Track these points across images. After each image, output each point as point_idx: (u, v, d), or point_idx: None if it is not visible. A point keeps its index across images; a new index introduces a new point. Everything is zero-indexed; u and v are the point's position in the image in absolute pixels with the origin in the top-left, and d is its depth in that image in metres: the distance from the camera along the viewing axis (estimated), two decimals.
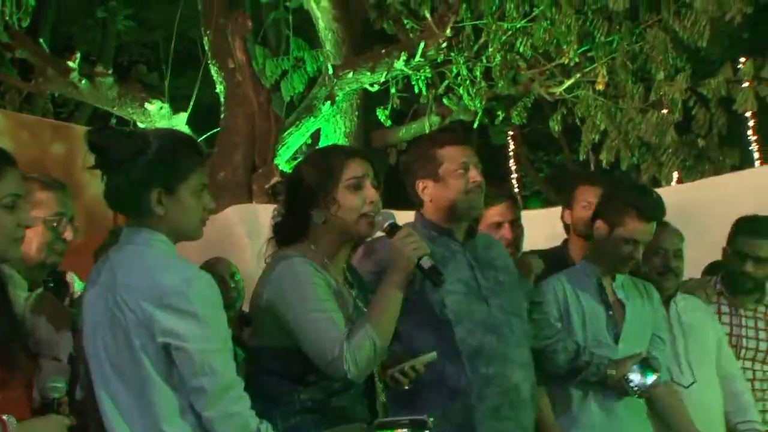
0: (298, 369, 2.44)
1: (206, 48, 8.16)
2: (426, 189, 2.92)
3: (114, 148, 2.24)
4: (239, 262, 4.80)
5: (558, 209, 4.01)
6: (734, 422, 3.56)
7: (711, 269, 4.24)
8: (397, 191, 3.13)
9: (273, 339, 2.47)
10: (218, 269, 4.49)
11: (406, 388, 2.55)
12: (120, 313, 2.19)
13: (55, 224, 2.71)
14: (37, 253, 2.66)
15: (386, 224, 2.58)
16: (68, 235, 2.74)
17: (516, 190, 13.23)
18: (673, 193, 7.38)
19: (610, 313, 3.27)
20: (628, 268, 3.31)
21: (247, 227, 6.34)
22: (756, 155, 10.44)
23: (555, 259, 3.66)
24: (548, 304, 3.25)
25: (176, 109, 8.40)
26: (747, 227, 3.75)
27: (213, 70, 8.08)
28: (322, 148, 3.52)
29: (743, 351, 3.76)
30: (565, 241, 3.87)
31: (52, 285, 2.91)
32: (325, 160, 2.60)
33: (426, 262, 2.52)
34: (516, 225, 3.57)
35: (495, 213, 3.52)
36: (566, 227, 3.86)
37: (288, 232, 2.59)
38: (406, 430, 0.91)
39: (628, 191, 3.41)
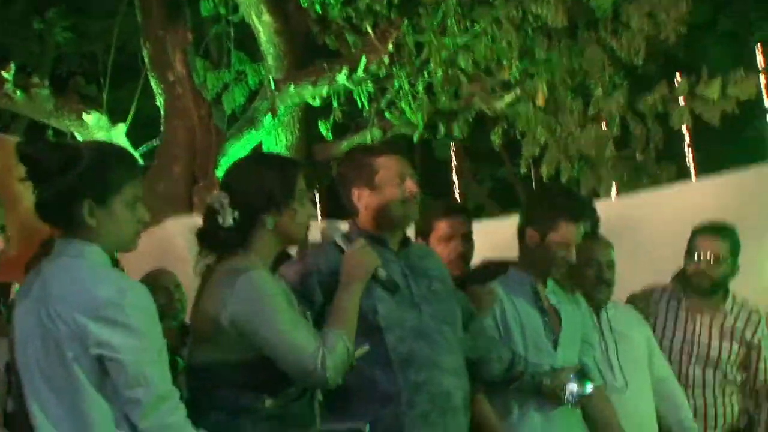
0: (261, 379, 2.44)
1: (146, 60, 8.07)
2: (361, 197, 2.92)
3: (44, 160, 2.21)
4: (180, 274, 4.74)
5: (499, 221, 4.04)
6: (669, 423, 3.63)
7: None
8: (337, 203, 3.13)
9: (234, 352, 2.45)
10: (162, 280, 4.45)
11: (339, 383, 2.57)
12: (52, 325, 2.15)
13: None
14: None
15: (337, 236, 2.65)
16: (0, 244, 2.68)
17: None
18: (613, 206, 7.50)
19: (546, 319, 3.29)
20: (562, 271, 3.34)
21: (188, 240, 6.27)
22: (692, 169, 10.65)
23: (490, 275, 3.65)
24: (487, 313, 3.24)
25: (115, 120, 8.29)
26: (704, 229, 3.90)
27: (153, 82, 8.00)
28: (271, 154, 3.50)
29: (695, 357, 3.83)
30: None
31: None
32: (283, 169, 2.61)
33: (381, 272, 2.62)
34: (467, 239, 3.58)
35: (446, 226, 3.54)
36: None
37: (233, 239, 2.54)
38: None
39: (555, 197, 3.45)
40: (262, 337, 2.42)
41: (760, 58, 10.12)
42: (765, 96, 9.06)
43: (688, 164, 11.09)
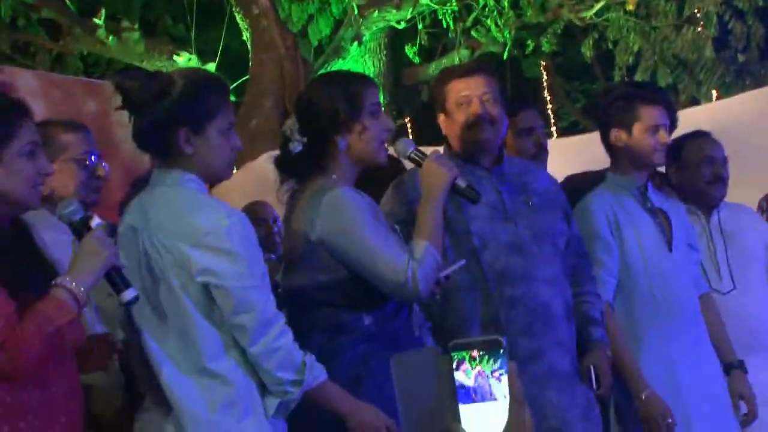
0: (356, 298, 2.46)
1: None
2: (442, 122, 2.93)
3: (139, 88, 2.23)
4: (276, 209, 4.82)
5: (595, 135, 3.92)
6: None
7: None
8: (429, 128, 3.12)
9: (327, 272, 2.46)
10: (261, 213, 4.50)
11: (437, 298, 2.57)
12: (157, 255, 2.19)
13: (87, 162, 2.71)
14: (76, 193, 2.64)
15: (411, 150, 2.61)
16: (101, 171, 2.75)
17: (552, 122, 13.07)
18: (714, 111, 7.24)
19: (658, 220, 3.20)
20: (661, 157, 3.24)
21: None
22: None
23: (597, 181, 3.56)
24: (597, 220, 3.16)
25: (205, 60, 8.39)
26: None
27: (238, 18, 8.04)
28: (335, 72, 3.42)
29: None
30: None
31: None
32: (347, 85, 2.57)
33: (461, 181, 2.57)
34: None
35: (524, 119, 3.40)
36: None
37: (310, 163, 2.54)
38: (482, 351, 0.90)
39: (623, 89, 3.36)
40: (352, 253, 2.42)
41: None
42: None
43: None
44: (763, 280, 3.46)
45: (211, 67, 8.33)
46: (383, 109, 2.62)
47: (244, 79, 8.30)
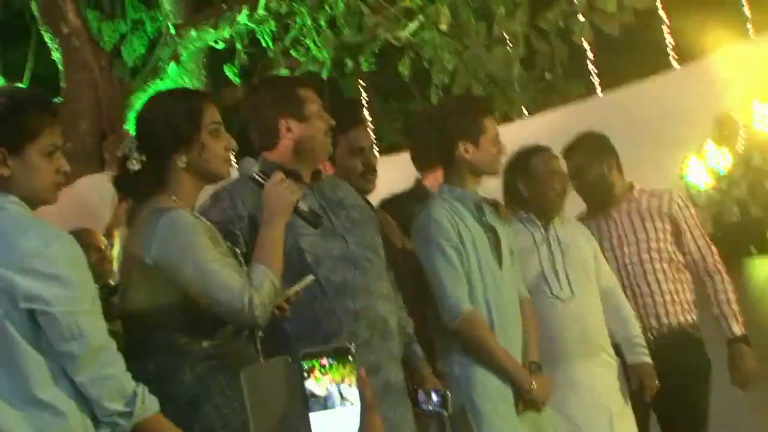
0: (193, 320, 2.40)
1: (36, 14, 7.74)
2: (290, 128, 2.86)
3: None
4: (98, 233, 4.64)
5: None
6: (616, 337, 3.65)
7: None
8: (249, 147, 3.07)
9: (163, 295, 2.39)
10: (91, 239, 4.32)
11: (287, 315, 2.56)
12: None
13: None
14: None
15: (254, 171, 2.57)
16: None
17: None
18: (527, 126, 7.62)
19: (490, 235, 3.30)
20: (499, 168, 3.38)
21: (102, 197, 6.13)
22: (598, 85, 10.83)
23: (419, 197, 3.62)
24: (445, 230, 3.20)
25: (11, 81, 7.97)
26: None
27: (47, 37, 7.70)
28: (175, 90, 3.35)
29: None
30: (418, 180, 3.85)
31: None
32: (186, 102, 2.52)
33: (303, 206, 2.55)
34: (372, 152, 3.54)
35: (357, 137, 3.46)
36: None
37: (149, 181, 2.47)
38: (330, 358, 0.90)
39: (465, 104, 3.52)
40: (186, 277, 2.36)
41: None
42: (660, 5, 9.21)
43: (593, 81, 11.27)
44: (595, 288, 3.65)
45: (20, 86, 7.93)
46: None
47: (56, 100, 7.94)
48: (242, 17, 7.99)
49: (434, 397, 2.96)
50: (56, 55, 7.70)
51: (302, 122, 2.86)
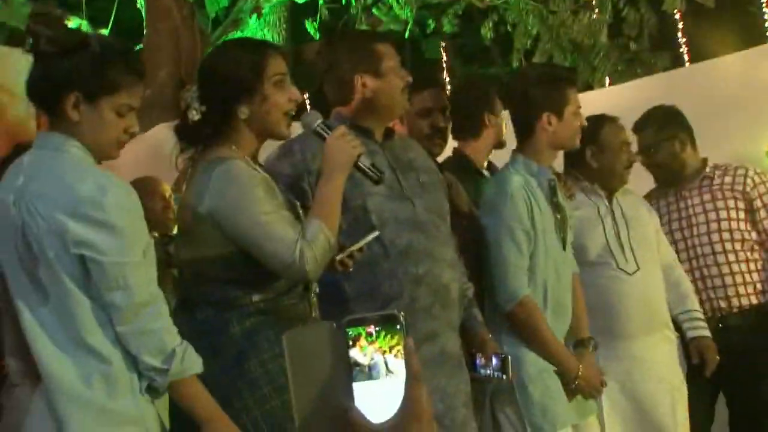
0: (244, 273, 2.36)
1: None
2: (365, 84, 2.79)
3: (50, 37, 2.11)
4: (169, 181, 4.69)
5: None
6: (675, 312, 3.59)
7: None
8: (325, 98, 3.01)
9: (214, 247, 2.36)
10: (157, 187, 4.36)
11: (350, 271, 2.52)
12: (33, 222, 2.06)
13: None
14: None
15: (317, 123, 2.50)
16: None
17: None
18: (607, 95, 7.41)
19: (558, 216, 3.18)
20: (578, 141, 3.26)
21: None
22: (686, 57, 10.49)
23: (460, 167, 3.48)
24: (518, 211, 3.08)
25: (96, 27, 8.09)
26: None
27: None
28: (240, 39, 3.30)
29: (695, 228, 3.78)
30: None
31: None
32: (250, 53, 2.47)
33: (365, 161, 2.47)
34: (446, 114, 3.42)
35: (426, 98, 3.36)
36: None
37: (210, 131, 2.43)
38: (378, 326, 0.86)
39: (549, 73, 3.34)
40: (238, 228, 2.33)
41: None
42: None
43: (682, 52, 10.92)
44: (658, 263, 3.56)
45: (104, 33, 8.04)
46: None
47: (137, 48, 8.03)
48: None
49: (494, 361, 2.90)
50: (140, 2, 7.78)
51: (378, 78, 2.79)
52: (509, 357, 2.91)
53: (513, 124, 3.30)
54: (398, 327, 0.98)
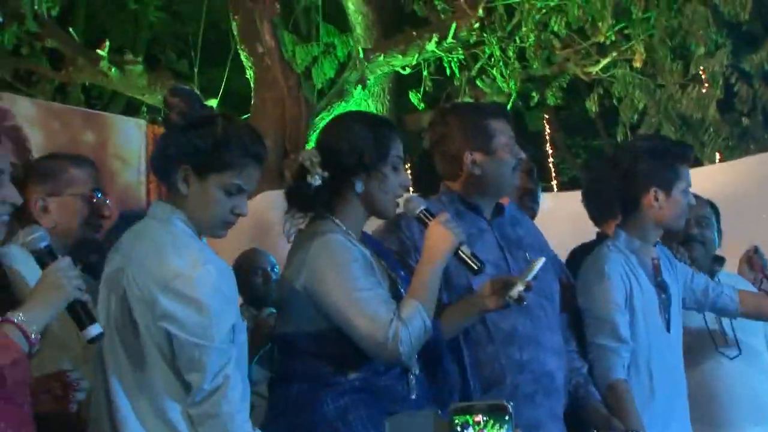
0: (340, 350, 2.33)
1: (234, 32, 8.11)
2: (474, 161, 2.76)
3: (182, 111, 2.20)
4: (272, 249, 4.72)
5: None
6: None
7: None
8: (431, 175, 2.98)
9: (309, 322, 2.35)
10: (259, 261, 4.39)
11: (524, 303, 2.49)
12: (128, 289, 2.11)
13: (93, 199, 2.61)
14: (78, 229, 2.57)
15: (420, 209, 2.49)
16: (106, 210, 2.65)
17: (553, 175, 13.04)
18: (717, 173, 7.19)
19: (663, 296, 3.04)
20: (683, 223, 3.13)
21: (280, 214, 6.26)
22: None
23: None
24: (615, 286, 2.95)
25: (206, 96, 8.35)
26: None
27: (242, 55, 8.04)
28: (365, 114, 3.23)
29: None
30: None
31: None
32: (377, 129, 2.47)
33: (465, 250, 2.45)
34: (531, 175, 3.36)
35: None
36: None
37: (325, 198, 2.42)
38: (485, 415, 0.80)
39: (661, 144, 3.19)
40: (332, 304, 2.30)
41: None
42: None
43: None
44: (763, 346, 3.36)
45: (213, 103, 8.29)
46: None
47: (245, 117, 8.25)
48: (431, 45, 8.04)
49: None
50: (249, 73, 8.02)
51: (487, 155, 2.76)
52: None
53: (618, 197, 3.19)
54: (506, 417, 0.93)
